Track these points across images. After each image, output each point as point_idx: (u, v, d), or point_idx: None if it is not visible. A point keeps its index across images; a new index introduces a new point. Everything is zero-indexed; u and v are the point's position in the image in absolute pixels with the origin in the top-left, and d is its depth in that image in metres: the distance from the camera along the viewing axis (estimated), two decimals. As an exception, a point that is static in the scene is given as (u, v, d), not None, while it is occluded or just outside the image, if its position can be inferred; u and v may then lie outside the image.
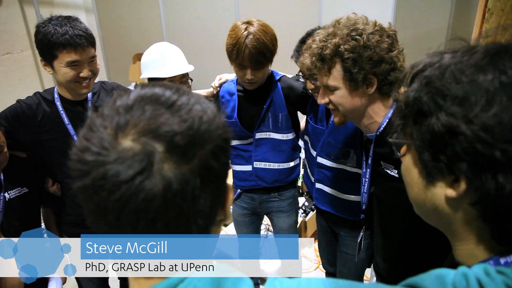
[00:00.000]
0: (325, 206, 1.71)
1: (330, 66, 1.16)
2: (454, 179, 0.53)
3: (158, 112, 0.46)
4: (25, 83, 3.41)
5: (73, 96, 1.62)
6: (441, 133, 0.52)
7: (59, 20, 1.46)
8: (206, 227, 0.50)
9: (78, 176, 0.46)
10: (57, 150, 1.63)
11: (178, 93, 0.50)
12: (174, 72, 1.71)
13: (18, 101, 1.61)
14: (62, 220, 1.78)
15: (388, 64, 1.12)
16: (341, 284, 0.50)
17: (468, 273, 0.49)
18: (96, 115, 0.48)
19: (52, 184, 1.73)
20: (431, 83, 0.54)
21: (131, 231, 0.45)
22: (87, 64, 1.51)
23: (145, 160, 0.43)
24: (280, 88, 1.78)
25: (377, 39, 1.11)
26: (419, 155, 0.57)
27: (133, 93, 0.49)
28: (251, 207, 2.02)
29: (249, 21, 1.63)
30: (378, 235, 1.40)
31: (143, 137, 0.44)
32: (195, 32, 3.76)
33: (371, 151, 1.27)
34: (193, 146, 0.46)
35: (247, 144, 1.86)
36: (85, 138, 0.46)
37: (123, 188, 0.43)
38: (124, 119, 0.45)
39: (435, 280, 0.50)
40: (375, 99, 1.19)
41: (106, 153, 0.44)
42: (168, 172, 0.44)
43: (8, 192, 1.55)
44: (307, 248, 3.05)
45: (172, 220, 0.45)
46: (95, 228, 0.48)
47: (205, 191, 0.47)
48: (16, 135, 1.57)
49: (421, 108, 0.55)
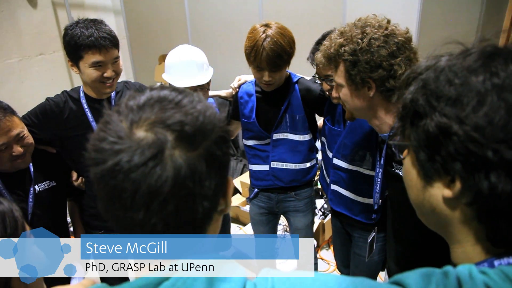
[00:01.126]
0: (339, 208, 1.72)
1: (336, 64, 1.19)
2: (451, 179, 0.54)
3: (166, 107, 0.52)
4: (56, 83, 3.57)
5: (98, 95, 1.69)
6: (435, 133, 0.53)
7: (85, 23, 1.54)
8: (210, 211, 0.54)
9: (95, 164, 0.50)
10: (82, 146, 1.69)
11: (183, 94, 0.56)
12: (201, 81, 1.80)
13: (47, 99, 1.71)
14: (85, 213, 1.87)
15: (386, 71, 1.11)
16: (329, 279, 0.52)
17: (449, 271, 0.50)
18: (113, 111, 0.54)
19: (77, 178, 1.81)
20: (427, 85, 0.56)
21: (144, 212, 0.49)
22: (111, 65, 1.59)
23: (157, 146, 0.48)
24: (297, 90, 1.80)
25: (378, 44, 1.10)
26: (416, 156, 0.59)
27: (143, 95, 0.55)
28: (268, 206, 2.04)
29: (268, 23, 1.65)
30: (391, 238, 1.40)
31: (155, 128, 0.50)
32: (219, 33, 3.82)
33: (384, 151, 1.27)
34: (199, 136, 0.51)
35: (264, 144, 1.89)
36: (102, 130, 0.52)
37: (138, 172, 0.47)
38: (138, 115, 0.51)
39: (419, 277, 0.51)
40: (378, 102, 1.19)
41: (122, 142, 0.49)
42: (178, 157, 0.49)
43: (38, 185, 1.64)
44: (325, 250, 3.04)
45: (182, 201, 0.49)
46: (108, 214, 0.52)
47: (209, 176, 0.52)
48: (45, 131, 1.66)
49: (417, 110, 0.56)
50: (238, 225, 3.28)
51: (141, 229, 0.50)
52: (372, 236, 1.55)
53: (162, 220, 0.50)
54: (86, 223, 1.89)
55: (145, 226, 0.50)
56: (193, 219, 0.52)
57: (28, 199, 1.59)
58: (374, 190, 1.41)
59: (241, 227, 3.24)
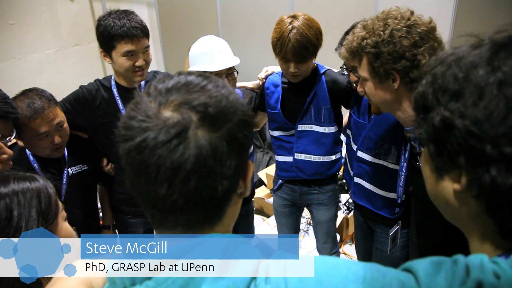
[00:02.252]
0: (362, 201, 1.71)
1: (360, 58, 1.19)
2: (459, 173, 0.55)
3: (192, 91, 0.55)
4: (91, 73, 3.69)
5: (128, 84, 1.75)
6: (440, 127, 0.54)
7: (117, 14, 1.59)
8: (229, 191, 0.56)
9: (124, 140, 0.53)
10: (112, 132, 1.77)
11: (208, 79, 0.58)
12: (220, 67, 1.77)
13: (81, 86, 1.78)
14: (114, 197, 1.95)
15: (409, 62, 1.10)
16: (339, 263, 0.53)
17: (459, 259, 0.50)
18: (142, 94, 0.57)
19: (107, 164, 1.89)
20: (435, 80, 0.56)
21: (167, 187, 0.51)
22: (142, 54, 1.64)
23: (182, 126, 0.51)
24: (324, 81, 1.79)
25: (400, 35, 1.10)
26: (427, 149, 0.60)
27: (172, 80, 0.58)
28: (291, 198, 2.05)
29: (295, 15, 1.65)
30: (414, 234, 1.38)
31: (181, 108, 0.52)
32: (249, 25, 3.83)
33: (409, 145, 1.26)
34: (222, 117, 0.54)
35: (289, 135, 1.89)
36: (132, 109, 0.55)
37: (163, 148, 0.50)
38: (165, 97, 0.54)
39: (429, 265, 0.52)
40: (403, 94, 1.17)
41: (150, 120, 0.52)
42: (201, 137, 0.51)
43: (71, 168, 1.72)
44: (348, 245, 3.02)
45: (203, 178, 0.52)
46: (134, 189, 0.56)
47: (230, 156, 0.54)
48: (77, 117, 1.74)
49: (426, 103, 0.57)
50: (262, 217, 3.31)
51: (163, 203, 0.53)
52: (395, 229, 1.54)
53: (183, 195, 0.52)
54: (114, 207, 1.97)
55: (167, 201, 0.52)
56: (213, 197, 0.54)
57: (62, 181, 1.68)
58: (398, 184, 1.40)
59: (264, 219, 3.26)
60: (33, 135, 1.47)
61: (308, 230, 3.00)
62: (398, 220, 1.55)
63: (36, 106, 1.44)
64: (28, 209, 0.81)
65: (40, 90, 1.52)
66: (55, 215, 0.86)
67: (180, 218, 0.55)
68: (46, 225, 0.83)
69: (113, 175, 1.92)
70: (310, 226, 3.02)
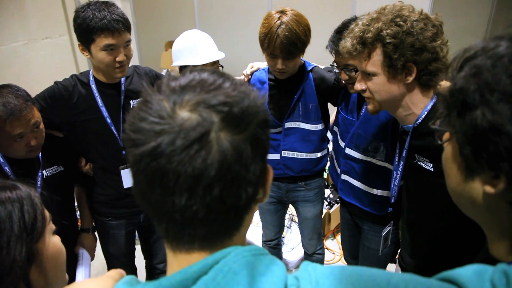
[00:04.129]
0: (349, 198, 1.70)
1: (370, 51, 1.15)
2: (494, 176, 0.52)
3: (209, 89, 0.49)
4: (63, 67, 3.52)
5: (108, 79, 1.67)
6: (485, 129, 0.49)
7: (97, 5, 1.50)
8: (251, 198, 0.51)
9: (134, 145, 0.47)
10: (91, 131, 1.69)
11: (224, 77, 0.53)
12: (206, 60, 1.72)
13: (56, 82, 1.68)
14: (93, 199, 1.85)
15: (430, 54, 1.10)
16: (375, 274, 0.49)
17: (508, 271, 0.47)
18: (153, 90, 0.51)
19: (85, 164, 1.79)
20: (480, 74, 0.51)
21: (187, 197, 0.46)
22: (123, 49, 1.55)
23: (202, 128, 0.46)
24: (311, 78, 1.77)
25: (421, 26, 1.09)
26: (460, 148, 0.56)
27: (184, 78, 0.52)
28: (277, 196, 2.03)
29: (283, 10, 1.61)
30: (406, 231, 1.38)
31: (200, 108, 0.47)
32: (227, 20, 3.77)
33: (407, 143, 1.25)
34: (246, 118, 0.49)
35: (276, 133, 1.86)
36: (141, 109, 0.49)
37: (182, 154, 0.45)
38: (180, 97, 0.48)
39: (473, 275, 0.49)
40: (413, 89, 1.16)
41: (164, 122, 0.46)
42: (224, 140, 0.46)
43: (45, 170, 1.62)
44: (330, 240, 3.04)
45: (227, 185, 0.47)
46: (145, 200, 0.50)
47: (255, 160, 0.49)
48: (53, 115, 1.64)
49: (466, 100, 0.52)
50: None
51: (181, 215, 0.48)
52: (387, 230, 1.54)
53: (205, 206, 0.47)
54: (93, 209, 1.88)
55: (186, 212, 0.47)
56: (236, 206, 0.50)
57: (37, 184, 1.58)
58: (393, 184, 1.39)
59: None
60: (6, 136, 1.37)
61: (291, 226, 2.99)
62: (389, 219, 1.55)
63: (13, 106, 1.33)
64: (10, 224, 0.69)
65: (15, 88, 1.41)
66: (42, 230, 0.75)
67: (199, 230, 0.50)
68: (32, 243, 0.71)
69: (92, 176, 1.82)
70: (293, 222, 3.02)
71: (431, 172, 1.16)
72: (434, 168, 1.15)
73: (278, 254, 2.35)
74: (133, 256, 2.07)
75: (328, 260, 2.81)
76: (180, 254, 0.52)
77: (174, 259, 0.53)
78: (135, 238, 2.03)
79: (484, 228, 0.60)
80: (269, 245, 2.25)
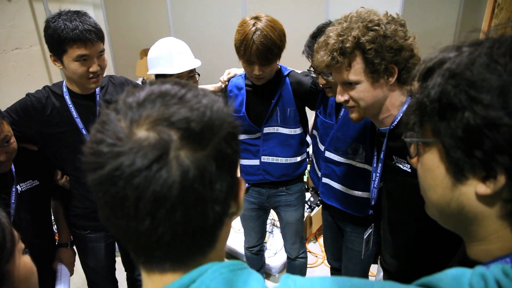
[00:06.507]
0: (330, 201, 1.72)
1: (350, 60, 1.15)
2: (485, 176, 0.51)
3: (169, 103, 0.47)
4: (34, 78, 3.44)
5: (82, 90, 1.63)
6: (478, 126, 0.49)
7: (68, 15, 1.46)
8: (221, 215, 0.49)
9: (93, 169, 0.45)
10: (66, 143, 1.65)
11: (186, 88, 0.51)
12: (182, 69, 1.71)
13: (28, 94, 1.63)
14: (71, 212, 1.81)
15: (408, 51, 1.13)
16: (356, 284, 0.49)
17: (486, 274, 0.47)
18: (109, 110, 0.49)
19: (61, 177, 1.75)
20: (459, 75, 0.51)
21: (150, 221, 0.44)
22: (96, 59, 1.52)
23: (161, 148, 0.43)
24: (288, 83, 1.78)
25: (393, 28, 1.12)
26: (447, 152, 0.54)
27: (143, 91, 0.50)
28: (258, 202, 2.03)
29: (258, 16, 1.62)
30: (387, 231, 1.40)
31: (158, 126, 0.45)
32: (202, 27, 3.76)
33: (384, 145, 1.27)
34: (208, 133, 0.46)
35: (254, 138, 1.87)
36: (99, 131, 0.47)
37: (141, 176, 0.43)
38: (138, 113, 0.46)
39: (452, 280, 0.49)
40: (394, 89, 1.19)
41: (122, 144, 0.44)
42: (185, 158, 0.44)
43: (20, 185, 1.57)
44: (312, 243, 3.06)
45: (191, 207, 0.45)
46: (110, 223, 0.48)
47: (220, 177, 0.47)
48: (26, 128, 1.59)
49: (451, 102, 0.52)
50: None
51: (147, 239, 0.46)
52: (369, 232, 1.55)
53: (170, 228, 0.45)
54: (71, 222, 1.83)
55: (151, 236, 0.45)
56: (203, 226, 0.48)
57: (11, 200, 1.52)
58: (372, 186, 1.41)
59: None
60: None
61: (273, 231, 2.99)
62: (369, 220, 1.57)
63: None
64: None
65: None
66: (11, 250, 0.70)
67: (169, 252, 0.48)
68: (1, 264, 0.68)
69: (68, 189, 1.78)
70: (274, 227, 3.02)
71: (409, 173, 1.18)
72: (412, 169, 1.17)
73: (261, 260, 2.34)
74: (113, 269, 2.02)
75: (311, 263, 2.83)
76: (153, 275, 0.50)
77: (149, 279, 0.51)
78: (115, 250, 1.98)
79: (464, 234, 0.60)
80: (251, 251, 2.25)
